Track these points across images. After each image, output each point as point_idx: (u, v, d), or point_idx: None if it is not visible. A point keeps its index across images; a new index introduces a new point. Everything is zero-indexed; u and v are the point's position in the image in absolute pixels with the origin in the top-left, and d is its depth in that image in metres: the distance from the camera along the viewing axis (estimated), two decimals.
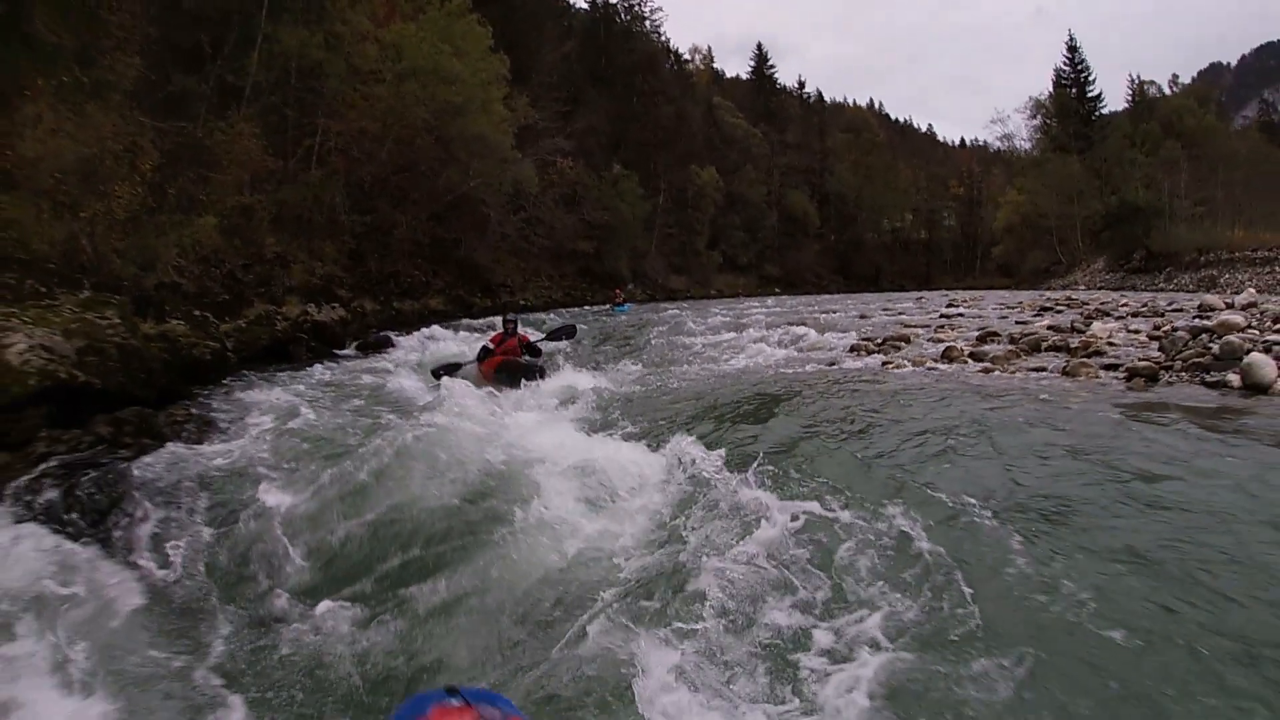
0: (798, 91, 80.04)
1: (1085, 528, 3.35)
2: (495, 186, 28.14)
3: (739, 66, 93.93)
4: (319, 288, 16.25)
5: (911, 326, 12.55)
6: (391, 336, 14.85)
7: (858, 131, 78.46)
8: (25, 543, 3.56)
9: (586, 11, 58.37)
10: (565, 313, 27.22)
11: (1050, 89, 60.78)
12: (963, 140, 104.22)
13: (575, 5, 58.91)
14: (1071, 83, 59.25)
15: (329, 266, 18.17)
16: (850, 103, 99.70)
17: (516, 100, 29.48)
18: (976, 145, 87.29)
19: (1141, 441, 4.52)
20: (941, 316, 14.71)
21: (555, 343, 10.13)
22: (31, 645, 2.99)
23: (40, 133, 9.91)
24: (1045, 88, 63.23)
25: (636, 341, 14.63)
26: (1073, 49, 59.26)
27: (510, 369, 9.30)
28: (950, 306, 18.12)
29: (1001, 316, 13.97)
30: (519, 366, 9.35)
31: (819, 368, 8.93)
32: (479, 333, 15.33)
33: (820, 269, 68.51)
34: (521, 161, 29.58)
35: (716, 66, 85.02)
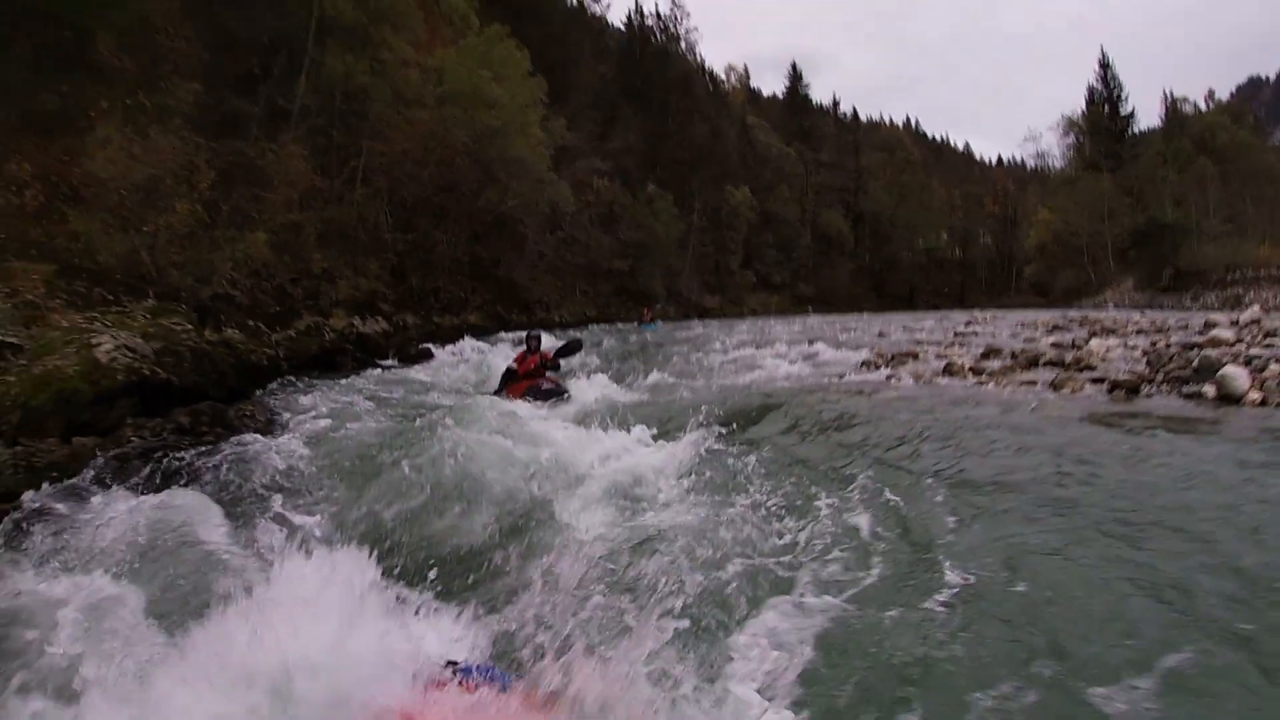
0: (832, 110, 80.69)
1: (1004, 501, 3.93)
2: (532, 206, 29.17)
3: (775, 82, 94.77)
4: (363, 301, 17.20)
5: (923, 344, 13.05)
6: (431, 348, 15.70)
7: (892, 150, 78.64)
8: (134, 502, 4.29)
9: (622, 32, 59.52)
10: (598, 328, 27.89)
11: (1084, 106, 60.80)
12: (999, 158, 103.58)
13: (612, 25, 60.19)
14: (1104, 100, 59.02)
15: (373, 282, 19.17)
16: (885, 120, 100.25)
17: (554, 122, 30.46)
18: (1014, 163, 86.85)
19: (1093, 439, 5.06)
20: (955, 335, 15.18)
21: (565, 358, 10.50)
22: (125, 587, 3.64)
23: (110, 153, 10.89)
24: (1081, 102, 62.89)
25: (659, 356, 15.24)
26: (1105, 66, 59.07)
27: (535, 394, 9.30)
28: (967, 325, 18.56)
29: (1013, 334, 14.39)
30: (543, 392, 9.38)
31: (828, 380, 9.54)
32: (511, 345, 15.97)
33: (855, 288, 68.29)
34: (558, 182, 30.56)
35: (753, 85, 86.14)
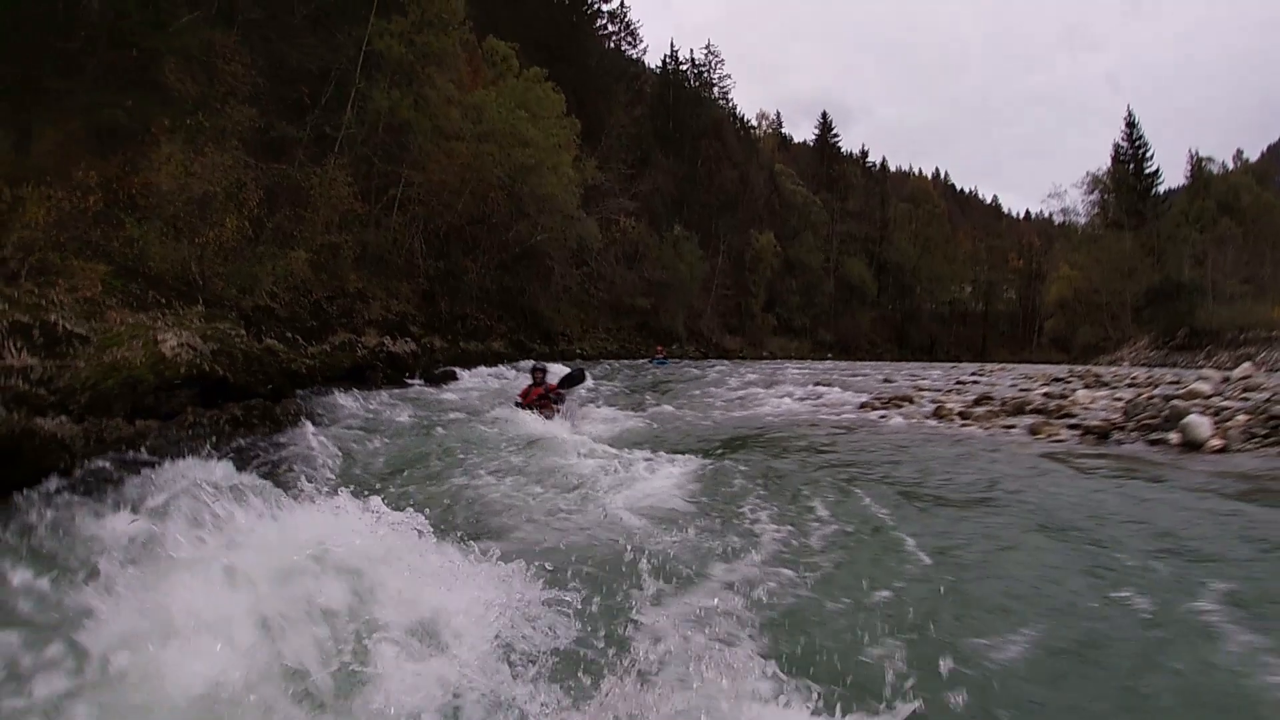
0: (860, 159, 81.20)
1: (939, 512, 4.55)
2: (561, 241, 30.10)
3: (807, 129, 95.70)
4: (394, 322, 18.05)
5: (922, 390, 13.65)
6: (455, 371, 16.46)
7: (919, 202, 79.13)
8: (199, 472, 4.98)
9: (657, 75, 60.99)
10: (617, 363, 28.59)
11: (1109, 163, 61.06)
12: (1027, 212, 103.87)
13: (648, 68, 61.53)
14: (1130, 158, 59.23)
15: (404, 304, 20.09)
16: (914, 171, 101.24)
17: (585, 162, 31.51)
18: (1040, 218, 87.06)
19: (1040, 477, 5.66)
20: (957, 383, 15.78)
21: (568, 389, 10.90)
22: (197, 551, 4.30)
23: (171, 168, 11.86)
24: (1107, 159, 63.16)
25: (669, 390, 16.00)
26: (1131, 124, 59.27)
27: None
28: (969, 375, 19.20)
29: (1011, 384, 14.97)
30: None
31: (825, 418, 10.22)
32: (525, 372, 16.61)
33: (875, 336, 68.80)
34: (586, 219, 31.52)
35: (784, 131, 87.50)
